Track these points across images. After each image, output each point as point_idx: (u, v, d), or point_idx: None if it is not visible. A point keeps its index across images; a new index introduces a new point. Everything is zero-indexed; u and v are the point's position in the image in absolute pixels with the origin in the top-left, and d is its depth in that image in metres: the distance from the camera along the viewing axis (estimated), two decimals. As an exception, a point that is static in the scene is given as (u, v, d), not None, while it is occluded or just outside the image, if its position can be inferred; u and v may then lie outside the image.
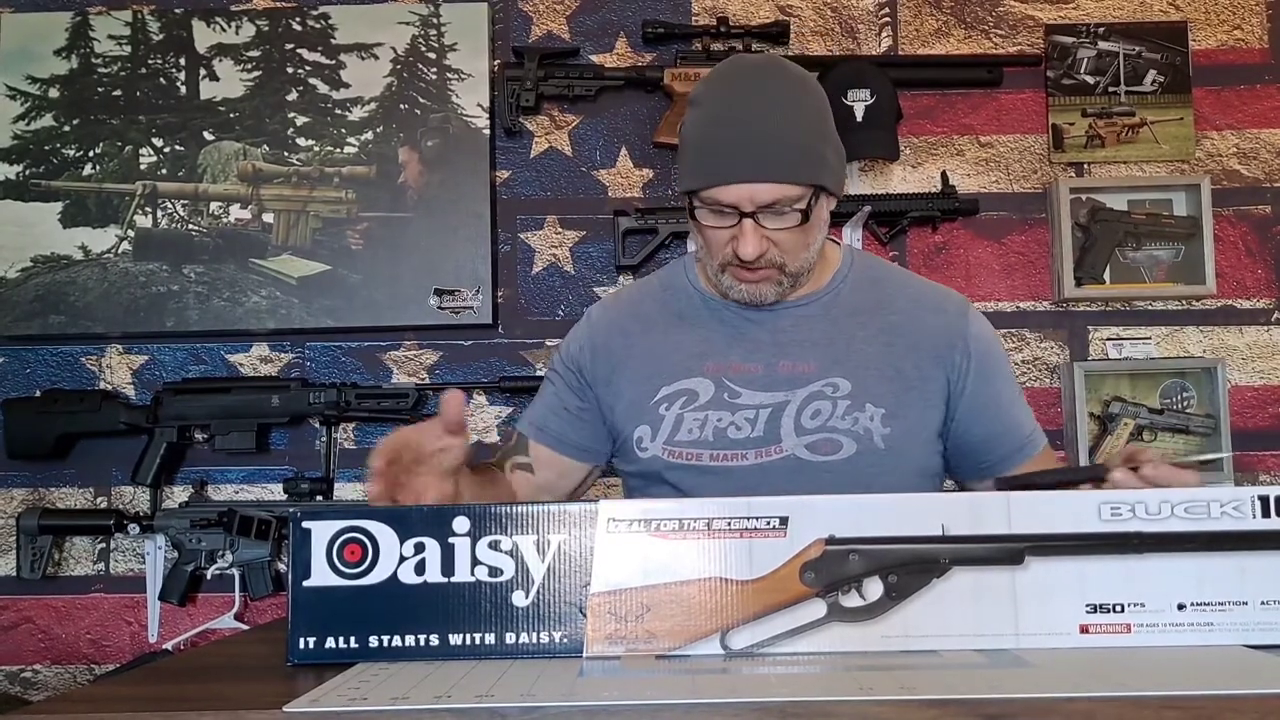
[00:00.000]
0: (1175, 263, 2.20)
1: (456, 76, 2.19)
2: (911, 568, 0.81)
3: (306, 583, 0.83)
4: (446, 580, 0.82)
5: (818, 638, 0.81)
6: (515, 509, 0.83)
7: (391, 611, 0.82)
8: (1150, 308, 2.20)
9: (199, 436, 2.14)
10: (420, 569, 0.82)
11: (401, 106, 2.19)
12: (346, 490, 2.18)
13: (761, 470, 1.27)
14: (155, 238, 2.16)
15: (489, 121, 2.19)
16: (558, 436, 1.38)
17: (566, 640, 0.81)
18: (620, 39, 2.25)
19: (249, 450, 2.11)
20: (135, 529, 2.08)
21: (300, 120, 2.18)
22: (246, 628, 2.08)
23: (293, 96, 2.19)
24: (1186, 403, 2.16)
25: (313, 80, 2.19)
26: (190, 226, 2.17)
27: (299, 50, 2.20)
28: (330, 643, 0.82)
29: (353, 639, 0.82)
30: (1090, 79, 2.21)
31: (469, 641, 0.82)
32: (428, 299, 2.14)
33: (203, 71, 2.20)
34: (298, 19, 2.20)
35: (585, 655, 0.81)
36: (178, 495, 2.16)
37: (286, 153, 2.18)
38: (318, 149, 2.18)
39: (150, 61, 2.20)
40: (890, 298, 1.36)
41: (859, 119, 2.09)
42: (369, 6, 2.21)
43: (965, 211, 2.18)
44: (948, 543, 0.81)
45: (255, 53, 2.20)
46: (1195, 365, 2.16)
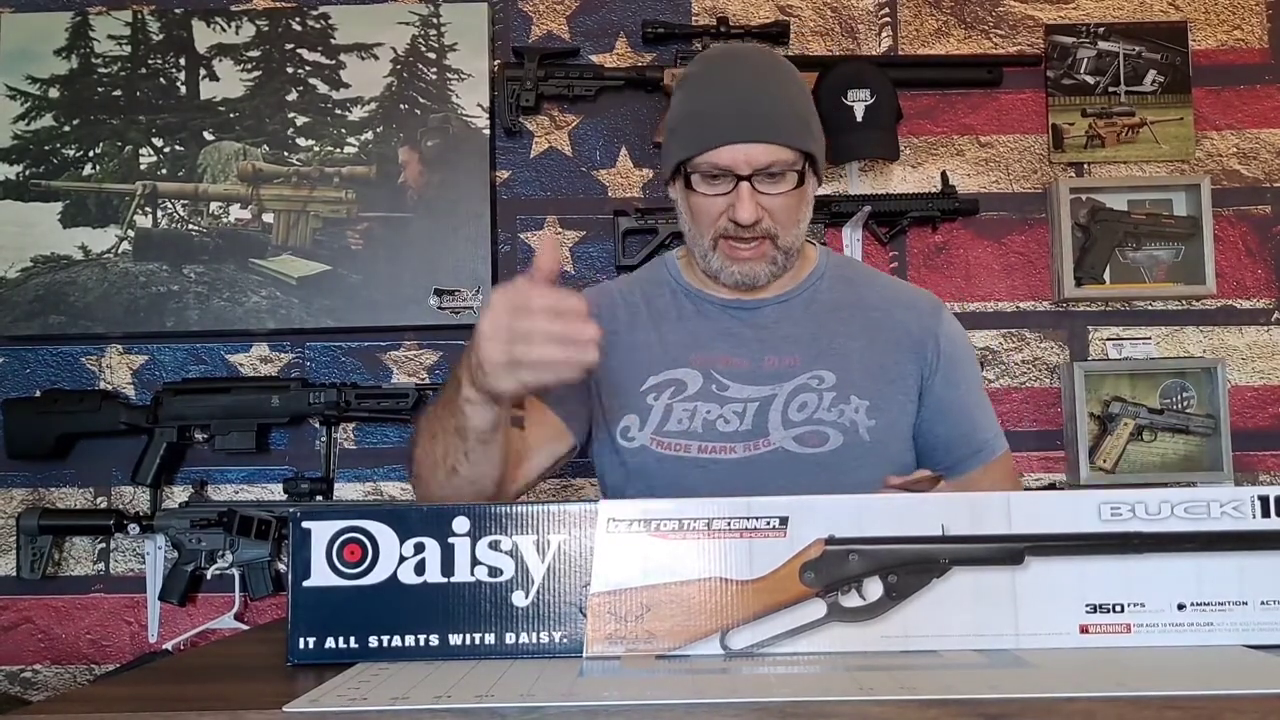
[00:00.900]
0: (1175, 263, 2.20)
1: (456, 76, 2.19)
2: (911, 568, 0.81)
3: (306, 583, 0.83)
4: (446, 580, 0.82)
5: (818, 638, 0.81)
6: (515, 509, 0.83)
7: (391, 612, 0.82)
8: (1150, 308, 2.21)
9: (199, 436, 2.14)
10: (420, 569, 0.82)
11: (401, 106, 2.19)
12: (346, 490, 2.18)
13: (750, 464, 1.28)
14: (155, 238, 2.16)
15: (489, 121, 2.19)
16: (556, 392, 1.26)
17: (566, 640, 0.81)
18: (620, 39, 2.25)
19: (249, 450, 2.11)
20: (135, 529, 2.08)
21: (300, 120, 2.18)
22: (246, 628, 2.08)
23: (293, 96, 2.19)
24: (1186, 403, 2.16)
25: (313, 80, 2.19)
26: (190, 226, 2.17)
27: (299, 50, 2.20)
28: (330, 643, 0.82)
29: (352, 639, 0.82)
30: (1090, 79, 2.21)
31: (469, 641, 0.82)
32: (428, 299, 2.14)
33: (203, 71, 2.20)
34: (298, 19, 2.20)
35: (585, 655, 0.81)
36: (178, 495, 2.16)
37: (286, 153, 2.18)
38: (318, 149, 2.18)
39: (150, 61, 2.20)
40: (868, 295, 1.38)
41: (859, 119, 2.09)
42: (369, 6, 2.21)
43: (965, 211, 2.18)
44: (948, 543, 0.81)
45: (255, 53, 2.20)
46: (1195, 365, 2.16)
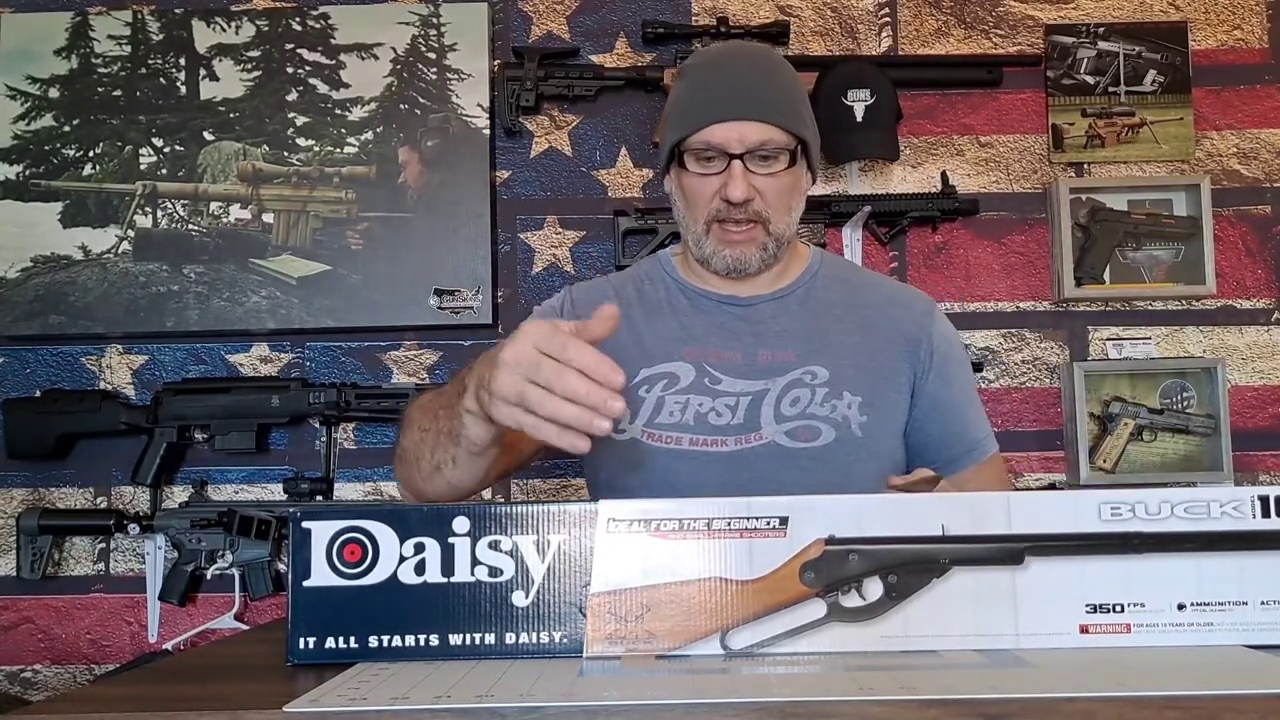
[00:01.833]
0: (1175, 263, 2.20)
1: (456, 76, 2.19)
2: (911, 568, 0.81)
3: (306, 583, 0.83)
4: (446, 580, 0.82)
5: (818, 638, 0.81)
6: (515, 509, 0.83)
7: (391, 611, 0.82)
8: (1150, 308, 2.20)
9: (199, 436, 2.14)
10: (420, 569, 0.82)
11: (401, 106, 2.19)
12: (346, 490, 2.18)
13: (741, 457, 1.28)
14: (155, 238, 2.16)
15: (489, 121, 2.19)
16: None
17: (566, 640, 0.81)
18: (620, 39, 2.25)
19: (249, 450, 2.11)
20: (135, 529, 2.08)
21: (300, 120, 2.18)
22: (246, 628, 2.08)
23: (293, 96, 2.19)
24: (1186, 403, 2.16)
25: (313, 80, 2.19)
26: (190, 226, 2.17)
27: (299, 50, 2.20)
28: (330, 643, 0.82)
29: (352, 639, 0.82)
30: (1090, 79, 2.21)
31: (469, 641, 0.82)
32: (428, 299, 2.14)
33: (203, 71, 2.20)
34: (298, 19, 2.20)
35: (585, 655, 0.81)
36: (178, 495, 2.16)
37: (286, 153, 2.18)
38: (318, 149, 2.18)
39: (150, 61, 2.20)
40: (862, 294, 1.39)
41: (859, 119, 2.09)
42: (369, 6, 2.21)
43: (965, 211, 2.18)
44: (948, 543, 0.81)
45: (255, 53, 2.20)
46: (1195, 365, 2.16)
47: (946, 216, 2.18)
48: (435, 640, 0.82)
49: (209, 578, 2.13)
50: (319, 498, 2.11)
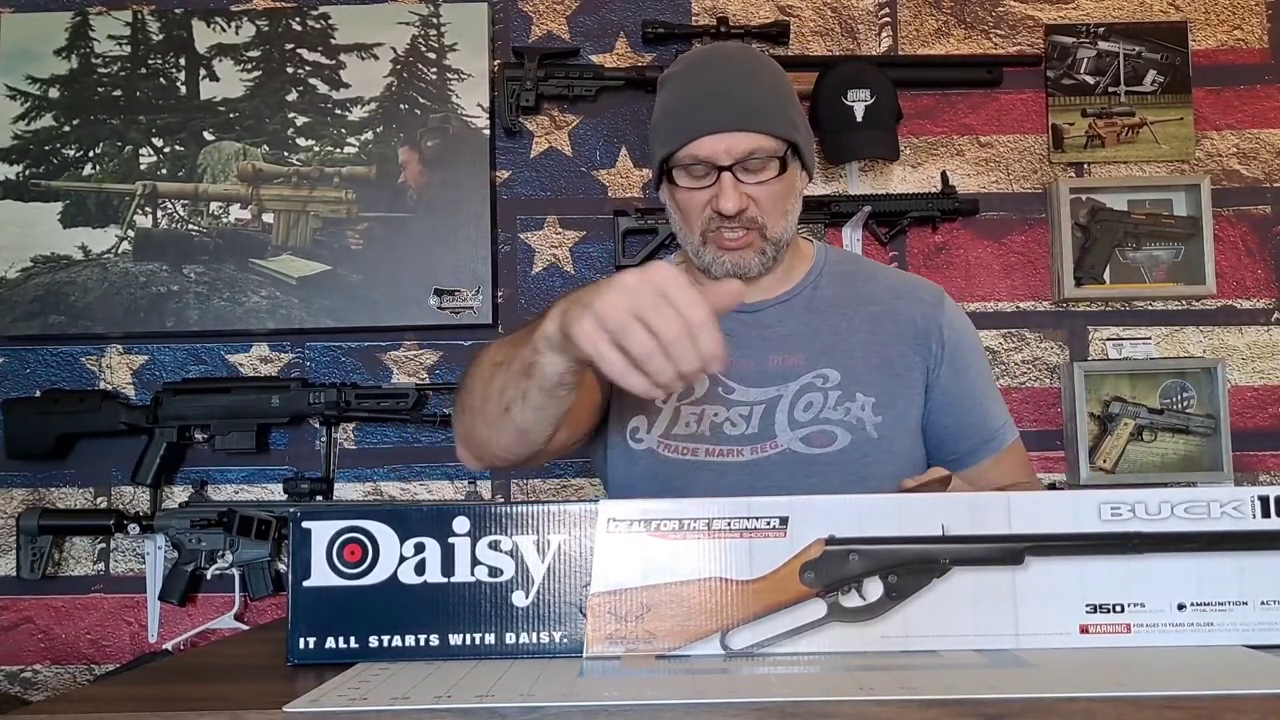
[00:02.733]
0: (1175, 263, 2.20)
1: (456, 76, 2.19)
2: (911, 568, 0.81)
3: (306, 583, 0.83)
4: (446, 580, 0.82)
5: (818, 638, 0.81)
6: (515, 509, 0.83)
7: (391, 612, 0.82)
8: (1150, 308, 2.20)
9: (199, 436, 2.14)
10: (420, 569, 0.82)
11: (401, 106, 2.19)
12: (346, 490, 2.18)
13: (758, 466, 1.27)
14: (155, 238, 2.16)
15: (489, 121, 2.19)
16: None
17: (566, 640, 0.81)
18: (620, 39, 2.25)
19: (249, 450, 2.11)
20: (135, 529, 2.08)
21: (300, 120, 2.18)
22: (246, 628, 2.08)
23: (293, 96, 2.19)
24: (1186, 403, 2.16)
25: (313, 80, 2.19)
26: (190, 226, 2.17)
27: (299, 50, 2.20)
28: (330, 643, 0.82)
29: (353, 639, 0.82)
30: (1090, 79, 2.21)
31: (469, 642, 0.82)
32: (428, 299, 2.14)
33: (203, 71, 2.20)
34: (298, 19, 2.20)
35: (585, 655, 0.81)
36: (178, 495, 2.16)
37: (286, 153, 2.18)
38: (318, 149, 2.18)
39: (150, 61, 2.20)
40: (868, 289, 1.37)
41: (859, 119, 2.09)
42: (369, 6, 2.21)
43: (965, 211, 2.18)
44: (948, 543, 0.81)
45: (255, 53, 2.20)
46: (1195, 365, 2.16)
47: (946, 216, 2.18)
48: (435, 640, 0.82)
49: (209, 578, 2.12)
50: (319, 498, 2.11)
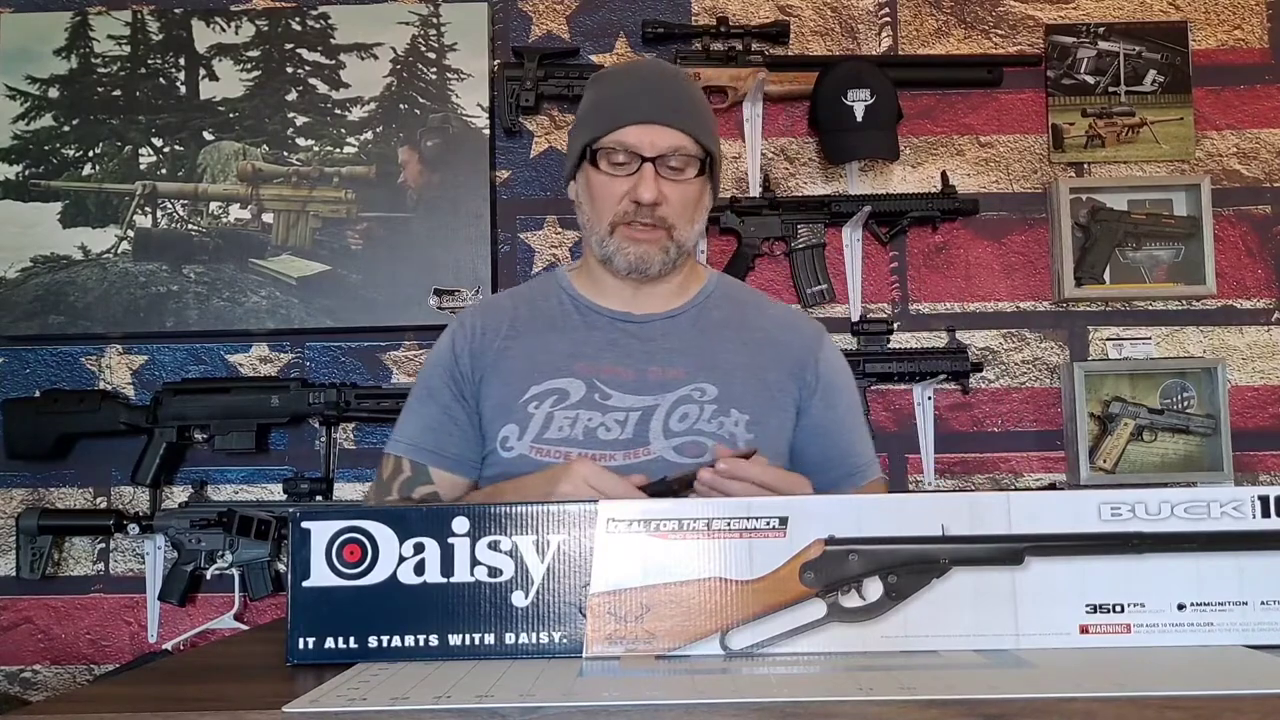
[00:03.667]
0: (1175, 263, 2.20)
1: (456, 76, 2.19)
2: (911, 568, 0.81)
3: (306, 583, 0.83)
4: (446, 580, 0.82)
5: (818, 638, 0.81)
6: (515, 509, 0.83)
7: (391, 612, 0.82)
8: (1150, 308, 2.20)
9: (199, 436, 2.14)
10: (420, 569, 0.82)
11: (401, 106, 2.19)
12: (346, 490, 2.17)
13: (629, 471, 1.27)
14: (155, 238, 2.16)
15: (489, 121, 2.19)
16: (456, 458, 1.35)
17: (566, 640, 0.81)
18: (620, 39, 2.25)
19: (249, 450, 2.11)
20: (135, 529, 2.08)
21: (300, 120, 2.18)
22: (246, 628, 2.08)
23: (293, 96, 2.19)
24: (1186, 403, 2.16)
25: (313, 80, 2.19)
26: (190, 226, 2.17)
27: (299, 50, 2.20)
28: (330, 643, 0.82)
29: (352, 639, 0.82)
30: (1090, 79, 2.21)
31: (469, 642, 0.82)
32: (428, 299, 2.14)
33: (202, 71, 2.20)
34: (298, 19, 2.20)
35: (585, 655, 0.81)
36: (178, 495, 2.16)
37: (286, 153, 2.18)
38: (318, 149, 2.18)
39: (150, 61, 2.20)
40: (754, 318, 1.42)
41: (859, 119, 2.09)
42: (369, 6, 2.21)
43: (965, 211, 2.18)
44: (948, 543, 0.81)
45: (255, 53, 2.20)
46: (1195, 365, 2.16)
47: (946, 216, 2.18)
48: (435, 640, 0.82)
49: (209, 578, 2.12)
50: (319, 498, 2.11)
